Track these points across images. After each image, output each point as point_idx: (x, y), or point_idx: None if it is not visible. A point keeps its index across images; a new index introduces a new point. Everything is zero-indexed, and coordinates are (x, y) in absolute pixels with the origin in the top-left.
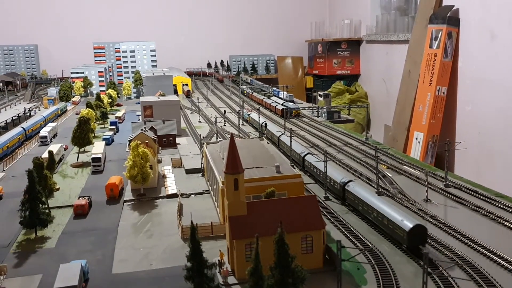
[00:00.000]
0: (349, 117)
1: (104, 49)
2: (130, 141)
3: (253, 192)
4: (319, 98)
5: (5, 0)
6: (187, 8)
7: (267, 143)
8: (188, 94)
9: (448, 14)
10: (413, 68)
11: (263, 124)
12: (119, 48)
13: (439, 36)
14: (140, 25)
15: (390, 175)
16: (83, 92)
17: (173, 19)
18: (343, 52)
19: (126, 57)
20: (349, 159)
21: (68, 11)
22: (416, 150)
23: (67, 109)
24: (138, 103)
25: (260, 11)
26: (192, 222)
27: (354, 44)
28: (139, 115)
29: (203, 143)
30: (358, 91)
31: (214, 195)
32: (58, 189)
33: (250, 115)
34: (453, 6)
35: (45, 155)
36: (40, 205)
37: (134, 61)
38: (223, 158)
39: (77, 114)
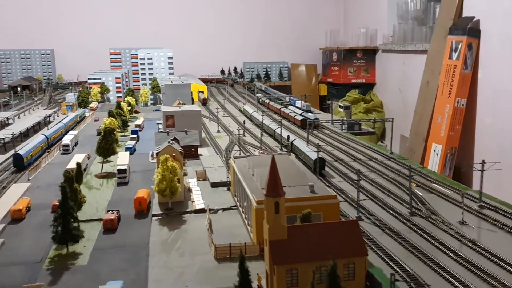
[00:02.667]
0: (370, 129)
1: (120, 54)
2: (157, 153)
3: (287, 213)
4: (339, 109)
5: (22, 5)
6: (202, 15)
7: (295, 158)
8: (204, 102)
9: (469, 26)
10: (432, 79)
11: (287, 137)
12: (136, 54)
13: (459, 47)
14: (154, 32)
15: (421, 194)
16: (100, 98)
17: (187, 25)
18: (359, 61)
19: (143, 64)
20: (375, 174)
21: (85, 16)
22: (434, 162)
23: (85, 116)
24: (156, 110)
25: (274, 18)
26: (241, 252)
27: (370, 53)
28: (159, 123)
29: (229, 157)
30: (374, 100)
31: (243, 212)
32: (85, 202)
33: (270, 126)
34: (474, 17)
35: (71, 165)
36: (72, 221)
37: (152, 68)
38: (252, 174)
39: (95, 121)
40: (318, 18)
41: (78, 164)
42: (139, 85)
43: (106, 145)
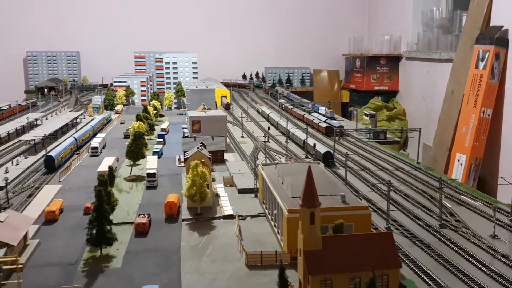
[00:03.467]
0: (395, 138)
1: (144, 58)
2: (186, 158)
3: None
4: (365, 117)
5: (49, 7)
6: (224, 19)
7: (324, 167)
8: (227, 106)
9: (497, 35)
10: (457, 88)
11: (313, 145)
12: (160, 58)
13: (486, 56)
14: (177, 35)
15: (450, 205)
16: (124, 101)
17: (210, 30)
18: (382, 68)
19: (168, 68)
20: (403, 185)
21: (110, 20)
22: (458, 172)
23: (111, 119)
24: (180, 114)
25: (297, 23)
26: (281, 262)
27: (393, 60)
28: (184, 128)
29: (257, 164)
30: (396, 107)
31: (272, 219)
32: (117, 205)
33: (296, 134)
34: (502, 26)
35: (102, 168)
36: (107, 224)
37: (176, 73)
38: (282, 183)
39: (121, 123)
40: (341, 24)
41: (111, 168)
42: (163, 88)
43: (136, 149)
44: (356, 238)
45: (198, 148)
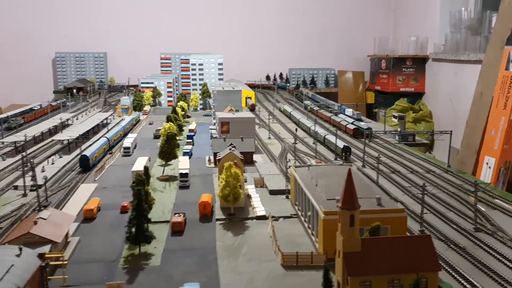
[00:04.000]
0: (424, 141)
1: (170, 59)
2: (219, 159)
3: None
4: (393, 119)
5: (77, 9)
6: (248, 20)
7: (357, 169)
8: (252, 108)
9: None
10: (486, 90)
11: (343, 148)
12: (185, 59)
13: None
14: (202, 37)
15: (484, 209)
16: (152, 102)
17: (234, 31)
18: (408, 69)
19: (194, 69)
20: (435, 188)
21: (137, 21)
22: (486, 176)
23: (140, 119)
24: (206, 115)
25: (321, 24)
26: (325, 263)
27: (420, 62)
28: (212, 129)
29: (288, 166)
30: (422, 109)
31: (306, 221)
32: (154, 204)
33: (326, 137)
34: None
35: (136, 167)
36: (145, 222)
37: (202, 74)
38: (316, 185)
39: (150, 124)
40: (366, 25)
41: (146, 168)
42: (188, 89)
43: (169, 150)
44: (395, 240)
45: (230, 149)
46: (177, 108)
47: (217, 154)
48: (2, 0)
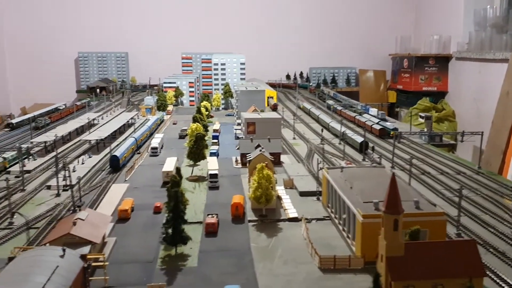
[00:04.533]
0: (450, 141)
1: (191, 59)
2: (249, 161)
3: None
4: (420, 119)
5: (100, 10)
6: (268, 19)
7: (389, 171)
8: (274, 107)
9: None
10: None
11: (371, 148)
12: (206, 59)
13: None
14: (222, 36)
15: None
16: (174, 102)
17: (254, 30)
18: (431, 68)
19: (217, 69)
20: (466, 190)
21: (157, 21)
22: None
23: (164, 119)
24: (228, 115)
25: (342, 23)
26: (376, 269)
27: (443, 61)
28: (237, 129)
29: (321, 168)
30: (445, 109)
31: (341, 224)
32: (188, 205)
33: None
34: None
35: (166, 168)
36: (182, 224)
37: (224, 74)
38: (351, 187)
39: (174, 124)
40: (388, 23)
41: (178, 169)
42: (209, 89)
43: (197, 150)
44: (439, 245)
45: (260, 151)
46: (201, 108)
47: (247, 155)
48: (26, 1)
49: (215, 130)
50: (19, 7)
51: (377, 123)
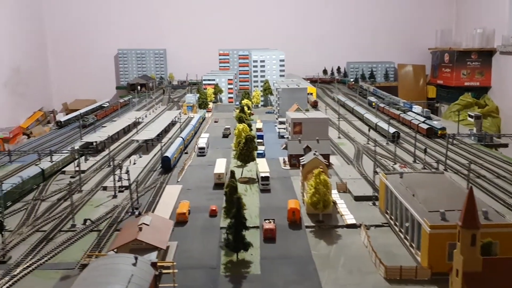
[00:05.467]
0: (501, 141)
1: (228, 55)
2: (303, 164)
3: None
4: (469, 118)
5: (139, 7)
6: (304, 14)
7: (449, 177)
8: (314, 104)
9: None
10: None
11: (424, 150)
12: (245, 55)
13: None
14: (258, 32)
15: None
16: (213, 99)
17: (290, 25)
18: (473, 63)
19: (256, 66)
20: None
21: (195, 18)
22: None
23: (205, 117)
24: (268, 112)
25: (380, 17)
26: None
27: (486, 55)
28: (280, 129)
29: (377, 172)
30: (488, 104)
31: (402, 232)
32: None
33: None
34: None
35: (217, 170)
36: (244, 230)
37: (264, 71)
38: (413, 195)
39: (215, 122)
40: (428, 17)
41: (233, 173)
42: (246, 85)
43: (247, 152)
44: None
45: (314, 154)
46: (244, 107)
47: (299, 159)
48: (68, 1)
49: (258, 129)
50: (62, 6)
51: (424, 122)
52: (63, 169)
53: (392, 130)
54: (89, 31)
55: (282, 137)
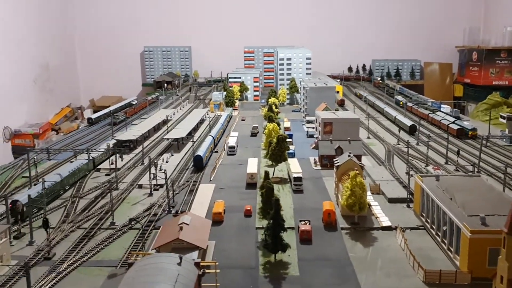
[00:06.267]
0: None
1: (253, 53)
2: (338, 166)
3: (497, 245)
4: (501, 119)
5: (165, 5)
6: (329, 11)
7: (486, 180)
8: (341, 103)
9: None
10: None
11: (457, 151)
12: (270, 52)
13: None
14: (282, 29)
15: None
16: (239, 97)
17: (314, 22)
18: (502, 61)
19: (282, 64)
20: None
21: (219, 16)
22: None
23: (232, 115)
24: (295, 110)
25: (407, 14)
26: None
27: None
28: (309, 128)
29: (411, 175)
30: None
31: (439, 235)
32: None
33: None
34: None
35: (250, 169)
36: (282, 231)
37: (290, 69)
38: (451, 199)
39: (242, 120)
40: (455, 14)
41: (267, 173)
42: (271, 83)
43: (279, 152)
44: None
45: (349, 156)
46: (272, 106)
47: (334, 160)
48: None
49: (286, 128)
50: (89, 5)
51: (454, 122)
52: (98, 167)
53: (409, 122)
54: (116, 29)
55: (311, 136)
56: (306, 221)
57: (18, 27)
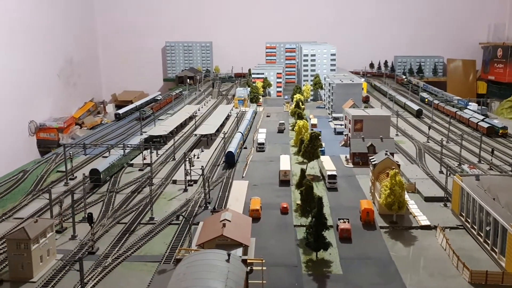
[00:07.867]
0: None
1: (275, 49)
2: (375, 165)
3: None
4: None
5: (186, 1)
6: (352, 7)
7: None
8: (366, 99)
9: None
10: None
11: (491, 150)
12: (291, 48)
13: None
14: (305, 26)
15: None
16: (262, 93)
17: (336, 18)
18: None
19: (306, 60)
20: None
21: (241, 11)
22: None
23: (257, 111)
24: (319, 107)
25: (430, 10)
26: None
27: None
28: (336, 125)
29: (449, 174)
30: None
31: (481, 235)
32: None
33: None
34: None
35: (283, 167)
36: (324, 230)
37: (314, 65)
38: (494, 199)
39: (267, 116)
40: (479, 10)
41: (303, 170)
42: (293, 78)
43: (312, 149)
44: None
45: (386, 154)
46: (299, 102)
47: (371, 158)
48: None
49: (313, 125)
50: (112, 0)
51: (483, 120)
52: (131, 162)
53: (416, 107)
54: (138, 24)
55: (339, 133)
56: (345, 220)
57: (43, 22)
